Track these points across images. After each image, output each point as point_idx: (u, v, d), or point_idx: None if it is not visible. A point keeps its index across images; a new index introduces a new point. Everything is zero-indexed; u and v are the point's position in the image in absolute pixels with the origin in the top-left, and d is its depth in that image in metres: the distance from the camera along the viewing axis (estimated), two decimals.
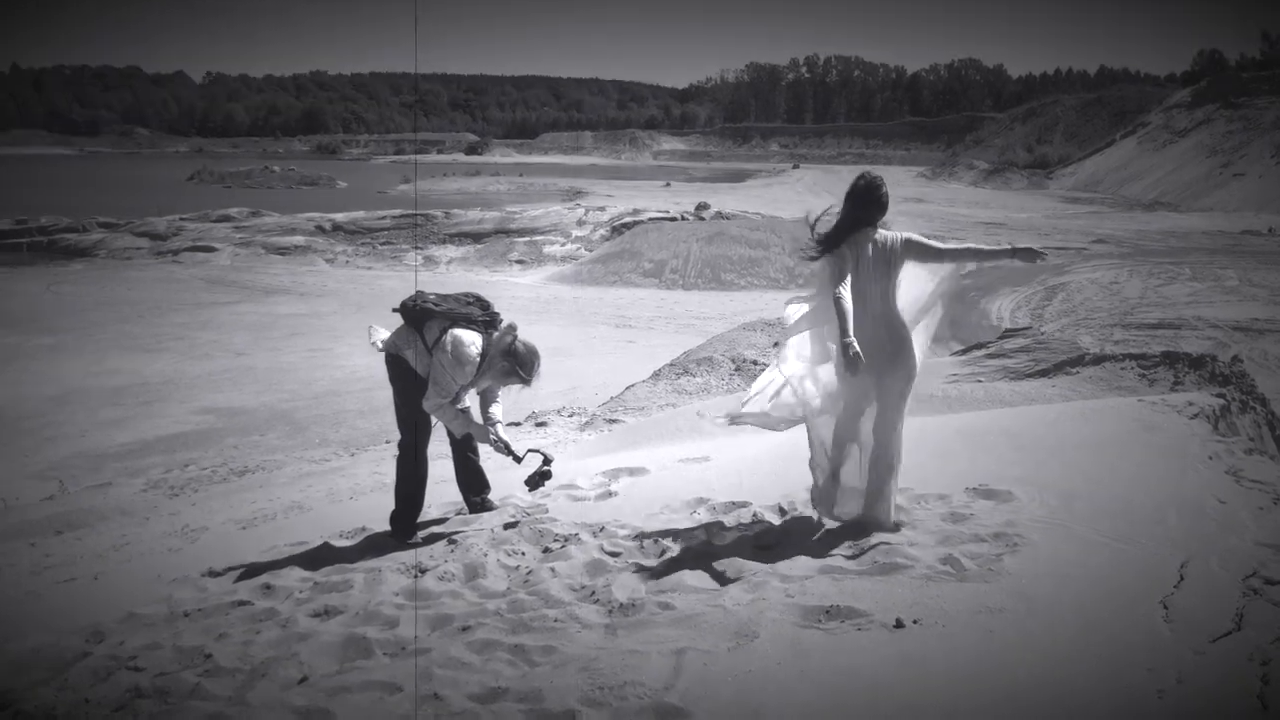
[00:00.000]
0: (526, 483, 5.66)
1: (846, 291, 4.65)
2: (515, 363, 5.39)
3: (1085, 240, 36.91)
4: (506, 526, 5.51)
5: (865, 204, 4.84)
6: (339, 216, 40.15)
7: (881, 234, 4.87)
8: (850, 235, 4.82)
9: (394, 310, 5.77)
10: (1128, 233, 39.74)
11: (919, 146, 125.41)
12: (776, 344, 4.94)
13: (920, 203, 56.23)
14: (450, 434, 5.84)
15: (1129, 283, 24.58)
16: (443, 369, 5.36)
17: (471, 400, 5.79)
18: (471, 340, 5.41)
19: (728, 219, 40.42)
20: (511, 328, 5.52)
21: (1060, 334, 11.66)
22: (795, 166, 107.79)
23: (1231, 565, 4.10)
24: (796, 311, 4.96)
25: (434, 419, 5.64)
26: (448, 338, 5.39)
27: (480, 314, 5.60)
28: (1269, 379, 11.12)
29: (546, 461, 5.66)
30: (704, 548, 4.91)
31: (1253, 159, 60.37)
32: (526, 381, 5.45)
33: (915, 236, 4.95)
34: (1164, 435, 5.97)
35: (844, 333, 4.55)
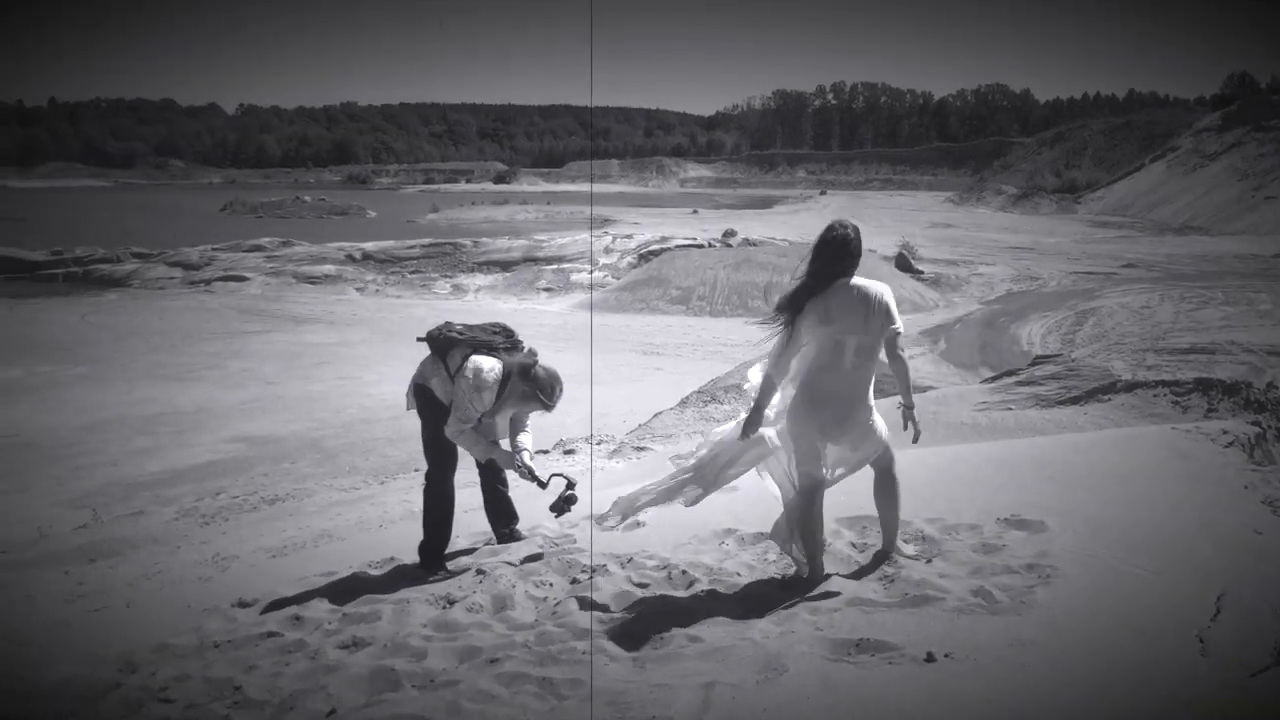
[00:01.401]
0: (551, 508, 5.66)
1: (780, 370, 4.58)
2: (535, 387, 5.42)
3: (1115, 264, 36.65)
4: (534, 558, 5.51)
5: (840, 257, 4.52)
6: (369, 245, 40.54)
7: (859, 284, 4.51)
8: (821, 291, 4.51)
9: (418, 340, 5.83)
10: (1158, 257, 39.40)
11: (946, 172, 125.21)
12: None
13: (949, 228, 56.06)
14: (479, 465, 5.87)
15: (1160, 307, 24.37)
16: (463, 395, 5.42)
17: (501, 427, 5.81)
18: (491, 366, 5.46)
19: (755, 245, 40.46)
20: (532, 353, 5.57)
21: (1091, 360, 11.54)
22: (822, 193, 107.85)
23: (1269, 597, 4.03)
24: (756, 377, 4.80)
25: (460, 449, 5.67)
26: (468, 364, 5.45)
27: (502, 341, 5.65)
28: None
29: (570, 485, 5.65)
30: (732, 579, 4.88)
31: None
32: (548, 406, 5.48)
33: (893, 308, 4.50)
34: (1198, 464, 5.90)
35: (755, 407, 4.58)
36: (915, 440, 4.57)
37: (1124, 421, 8.46)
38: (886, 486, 4.78)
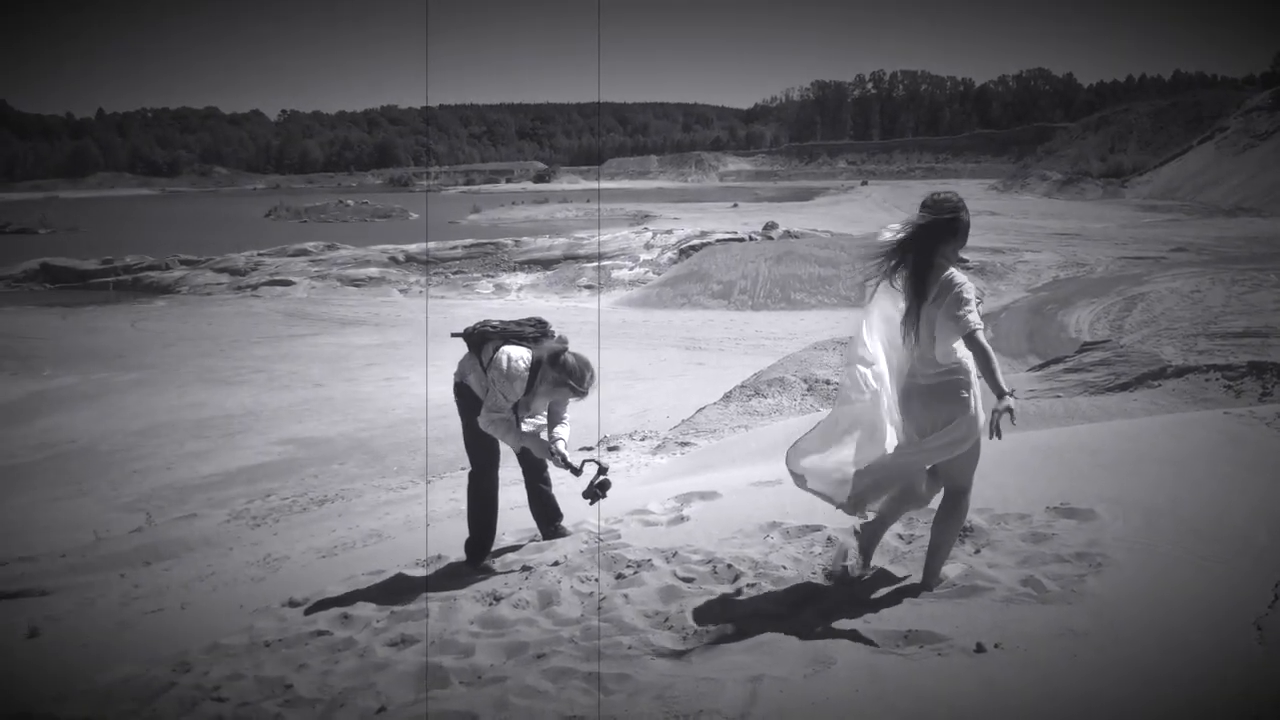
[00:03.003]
0: (585, 494, 5.62)
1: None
2: (565, 374, 5.41)
3: (1164, 249, 36.06)
4: (580, 553, 5.52)
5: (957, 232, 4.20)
6: (411, 247, 40.87)
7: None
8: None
9: (452, 335, 5.88)
10: (1208, 239, 38.71)
11: (989, 159, 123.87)
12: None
13: (993, 215, 55.42)
14: (522, 464, 5.89)
15: (1211, 290, 23.90)
16: (495, 384, 5.45)
17: (540, 424, 5.82)
18: (520, 355, 5.48)
19: (796, 238, 40.28)
20: (562, 340, 5.58)
21: (1141, 345, 11.37)
22: (864, 183, 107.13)
23: None
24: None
25: (501, 445, 5.69)
26: (499, 354, 5.48)
27: (533, 331, 5.67)
28: None
29: (602, 471, 5.63)
30: (778, 572, 4.86)
31: None
32: (579, 393, 5.47)
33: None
34: (1252, 449, 5.78)
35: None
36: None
37: (1175, 407, 8.32)
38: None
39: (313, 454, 14.66)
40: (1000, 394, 3.95)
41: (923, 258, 4.16)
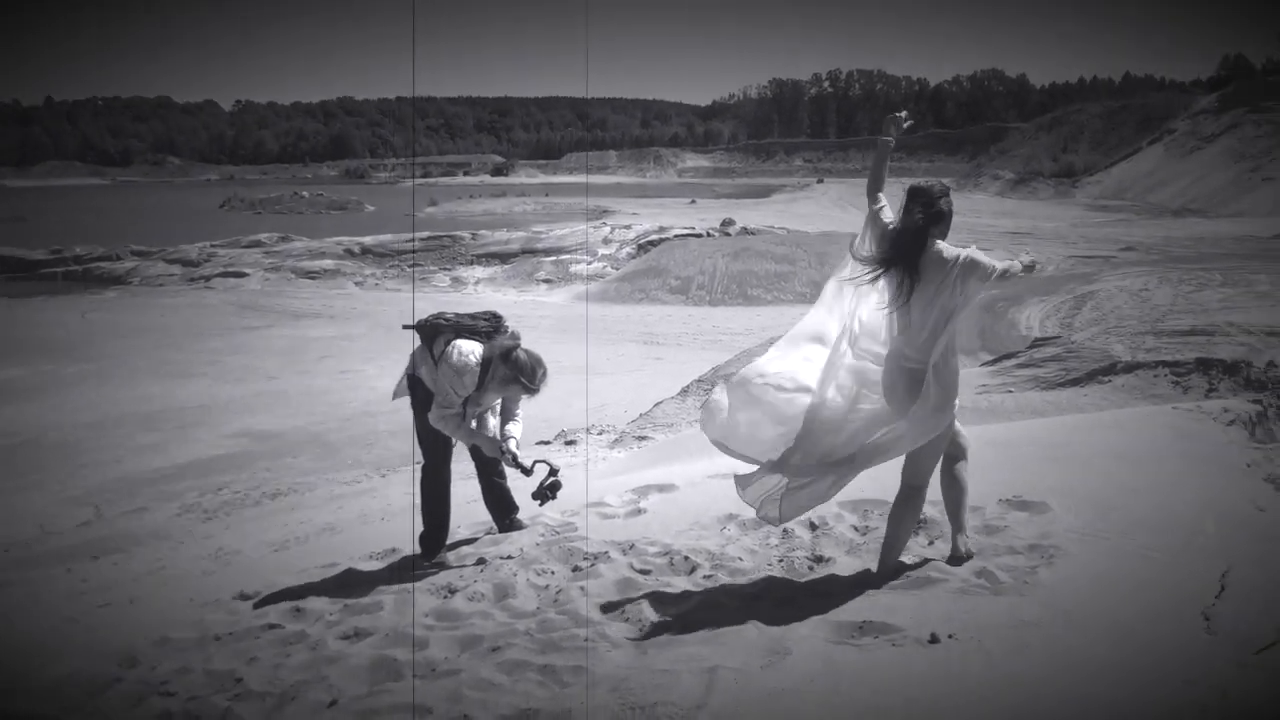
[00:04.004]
0: (534, 495, 5.57)
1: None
2: (516, 370, 5.32)
3: (1113, 248, 36.60)
4: (535, 546, 5.49)
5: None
6: (367, 240, 40.43)
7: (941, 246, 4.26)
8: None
9: (404, 327, 5.80)
10: (1156, 239, 39.33)
11: (943, 158, 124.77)
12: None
13: None
14: (475, 459, 5.83)
15: (1159, 290, 24.29)
16: (445, 379, 5.37)
17: (493, 419, 5.77)
18: (471, 349, 5.40)
19: (753, 234, 40.39)
20: (514, 336, 5.50)
21: (1091, 342, 11.53)
22: (820, 181, 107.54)
23: (1274, 574, 4.02)
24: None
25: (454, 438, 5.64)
26: (450, 349, 5.40)
27: (486, 325, 5.59)
28: None
29: (553, 472, 5.59)
30: (735, 564, 4.87)
31: None
32: (530, 389, 5.39)
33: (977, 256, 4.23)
34: (1200, 443, 5.88)
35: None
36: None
37: (1124, 402, 8.44)
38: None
39: (266, 447, 14.48)
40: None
41: (916, 247, 4.23)
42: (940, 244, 4.25)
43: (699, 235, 40.11)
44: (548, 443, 11.38)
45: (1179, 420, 6.35)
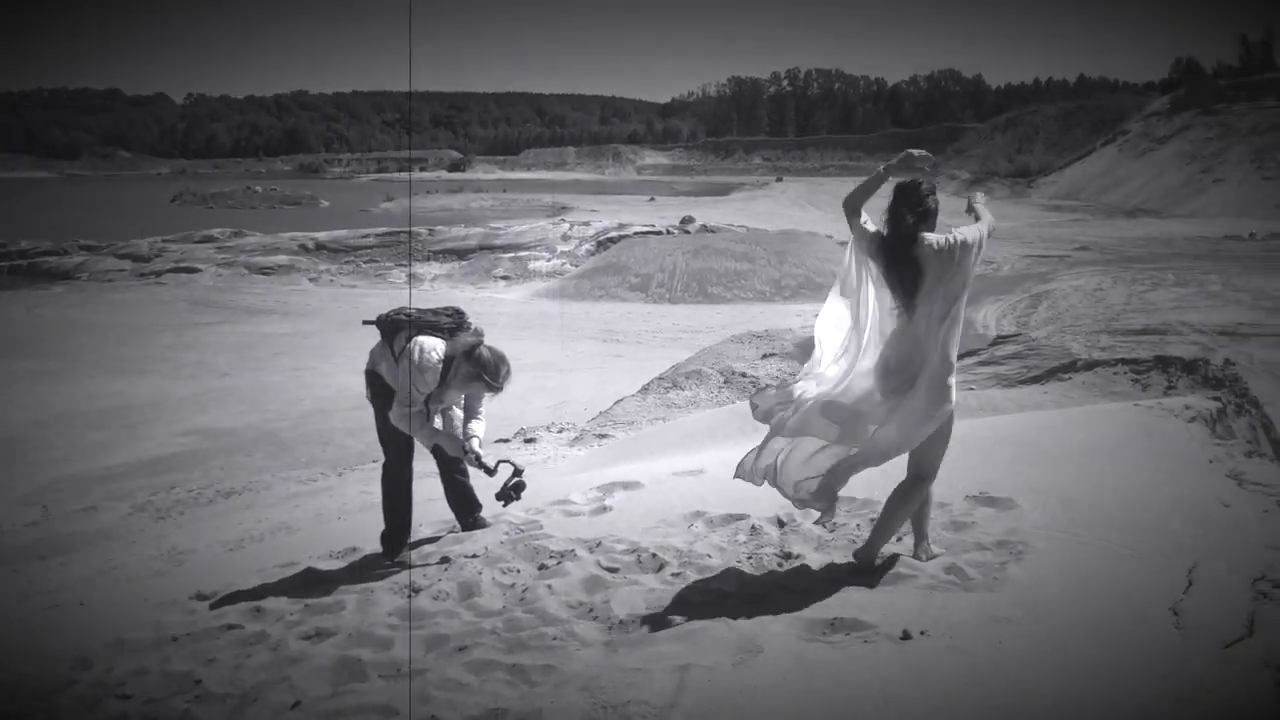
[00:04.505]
0: (498, 496, 5.48)
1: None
2: (479, 367, 5.20)
3: (1068, 247, 37.07)
4: (500, 544, 5.41)
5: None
6: (322, 235, 40.03)
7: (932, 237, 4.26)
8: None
9: (364, 323, 5.68)
10: (1110, 240, 39.93)
11: None
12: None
13: None
14: (436, 457, 5.71)
15: (1113, 289, 24.68)
16: (406, 377, 5.25)
17: (456, 417, 5.67)
18: (433, 346, 5.28)
19: (713, 232, 40.46)
20: (477, 333, 5.39)
21: (1049, 341, 11.64)
22: (778, 179, 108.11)
23: (1241, 569, 4.04)
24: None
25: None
26: (412, 345, 5.28)
27: (448, 322, 5.49)
28: (1256, 383, 11.12)
29: (517, 472, 5.50)
30: (703, 561, 4.82)
31: (1232, 165, 60.91)
32: (493, 387, 5.28)
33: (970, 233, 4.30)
34: (1163, 439, 5.93)
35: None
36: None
37: (1085, 399, 8.51)
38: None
39: (219, 445, 14.26)
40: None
41: (910, 248, 4.24)
42: (929, 237, 4.23)
43: (659, 233, 40.13)
44: (507, 440, 11.30)
45: (1142, 417, 6.40)
